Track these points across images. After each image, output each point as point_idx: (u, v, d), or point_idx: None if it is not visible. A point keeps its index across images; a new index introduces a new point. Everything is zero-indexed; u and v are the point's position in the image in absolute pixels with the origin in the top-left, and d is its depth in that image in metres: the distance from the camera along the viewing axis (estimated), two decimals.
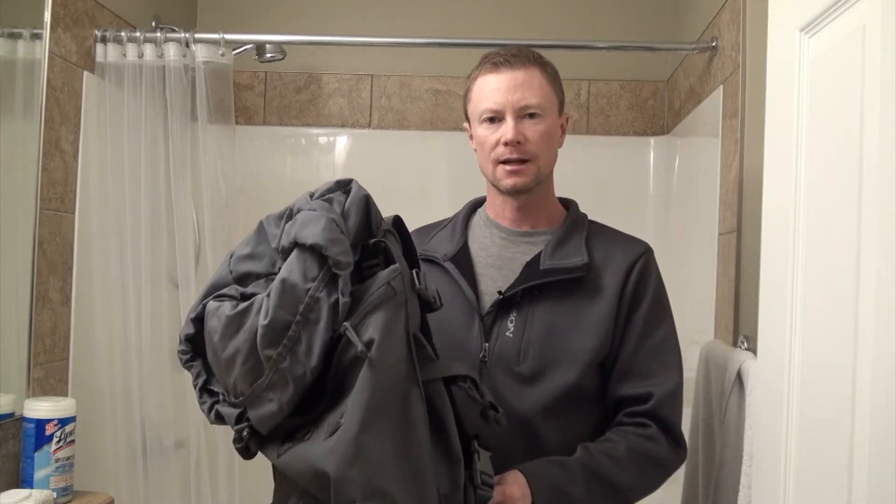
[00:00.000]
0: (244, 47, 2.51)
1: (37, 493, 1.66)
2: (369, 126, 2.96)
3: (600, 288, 1.39)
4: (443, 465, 1.09)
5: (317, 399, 1.06)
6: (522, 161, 1.38)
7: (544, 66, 1.42)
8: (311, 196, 1.12)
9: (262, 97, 2.96)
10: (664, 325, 1.43)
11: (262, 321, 1.01)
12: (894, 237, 0.83)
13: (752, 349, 1.52)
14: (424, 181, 2.88)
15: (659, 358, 1.40)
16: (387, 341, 1.02)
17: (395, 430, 1.03)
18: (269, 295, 1.03)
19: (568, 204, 1.52)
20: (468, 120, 1.47)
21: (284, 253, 1.07)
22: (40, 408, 1.78)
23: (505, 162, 1.39)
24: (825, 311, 1.00)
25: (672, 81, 2.84)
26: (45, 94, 1.96)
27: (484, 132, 1.41)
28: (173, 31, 2.25)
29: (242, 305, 1.05)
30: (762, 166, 1.23)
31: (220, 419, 1.11)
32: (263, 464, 1.13)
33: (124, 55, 2.19)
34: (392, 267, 1.08)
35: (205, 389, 1.13)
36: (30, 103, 1.93)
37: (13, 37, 1.89)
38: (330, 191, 1.12)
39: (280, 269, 1.07)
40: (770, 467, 1.15)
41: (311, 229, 1.04)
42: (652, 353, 1.40)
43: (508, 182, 1.40)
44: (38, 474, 1.75)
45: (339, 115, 2.96)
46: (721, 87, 2.13)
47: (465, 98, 1.46)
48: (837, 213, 0.96)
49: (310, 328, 1.02)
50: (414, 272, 1.13)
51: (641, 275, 1.41)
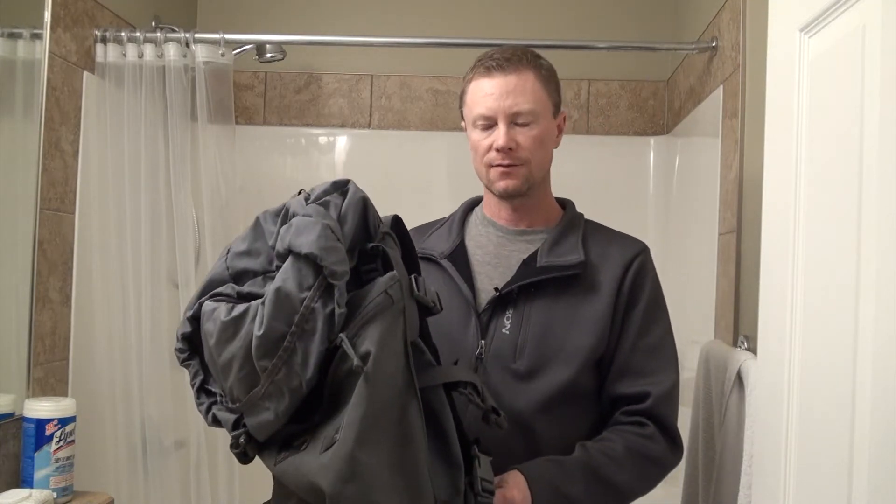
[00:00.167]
0: (244, 47, 2.51)
1: (37, 493, 1.66)
2: (369, 126, 2.96)
3: (597, 286, 1.39)
4: (443, 472, 1.09)
5: (314, 407, 1.05)
6: (514, 165, 1.39)
7: (538, 67, 1.41)
8: (307, 199, 1.10)
9: (262, 97, 2.96)
10: (661, 323, 1.43)
11: (257, 332, 1.00)
12: (894, 237, 0.83)
13: (752, 349, 1.52)
14: (424, 181, 2.88)
15: (656, 357, 1.40)
16: (383, 354, 1.01)
17: (392, 443, 1.02)
18: (263, 303, 1.01)
19: (564, 203, 1.53)
20: (464, 119, 1.48)
21: (280, 258, 1.05)
22: (40, 408, 1.78)
23: (497, 166, 1.40)
24: (825, 311, 1.00)
25: (672, 81, 2.84)
26: (45, 94, 1.96)
27: (477, 137, 1.42)
28: (173, 31, 2.25)
29: (237, 311, 1.03)
30: (762, 166, 1.23)
31: (217, 422, 1.11)
32: (263, 464, 1.13)
33: (124, 55, 2.19)
34: (390, 274, 1.06)
35: (202, 389, 1.12)
36: (30, 103, 1.93)
37: (13, 37, 1.89)
38: (326, 193, 1.10)
39: (275, 268, 1.06)
40: (770, 467, 1.15)
41: (306, 237, 1.01)
42: (649, 351, 1.40)
43: (500, 186, 1.41)
44: (38, 474, 1.75)
45: (339, 115, 2.96)
46: (721, 87, 2.13)
47: (461, 100, 1.47)
48: (837, 213, 0.96)
49: (305, 339, 1.00)
50: (413, 278, 1.11)
51: (638, 273, 1.42)
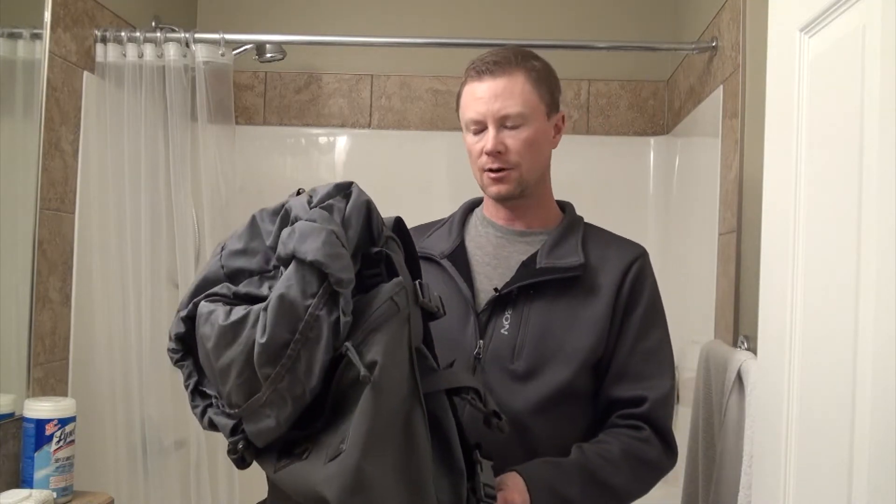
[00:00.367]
0: (244, 47, 2.51)
1: (37, 493, 1.66)
2: (369, 126, 2.96)
3: (596, 289, 1.40)
4: (445, 478, 1.08)
5: (315, 414, 1.03)
6: (504, 169, 1.39)
7: (529, 69, 1.40)
8: (309, 201, 1.06)
9: (262, 97, 2.96)
10: (659, 328, 1.44)
11: (260, 339, 0.97)
12: (894, 237, 0.83)
13: (752, 349, 1.52)
14: (424, 181, 2.88)
15: (653, 361, 1.41)
16: (389, 363, 1.00)
17: (397, 453, 1.01)
18: (265, 309, 0.98)
19: (564, 206, 1.53)
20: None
21: (281, 262, 1.02)
22: (40, 408, 1.78)
23: (488, 171, 1.40)
24: (825, 311, 1.00)
25: (672, 81, 2.84)
26: (45, 94, 1.96)
27: (470, 141, 1.43)
28: (173, 31, 2.25)
29: (236, 315, 1.01)
30: (762, 166, 1.23)
31: (213, 426, 1.08)
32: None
33: (124, 55, 2.19)
34: (395, 281, 1.05)
35: (197, 391, 1.09)
36: (30, 103, 1.93)
37: (13, 37, 1.89)
38: (329, 196, 1.07)
39: (271, 268, 1.05)
40: (770, 467, 1.15)
41: (311, 244, 0.98)
42: (647, 356, 1.40)
43: (493, 190, 1.42)
44: (38, 474, 1.75)
45: (339, 115, 2.96)
46: (721, 87, 2.13)
47: (456, 104, 1.47)
48: (837, 213, 0.96)
49: (310, 347, 0.98)
50: (417, 284, 1.09)
51: (637, 277, 1.42)
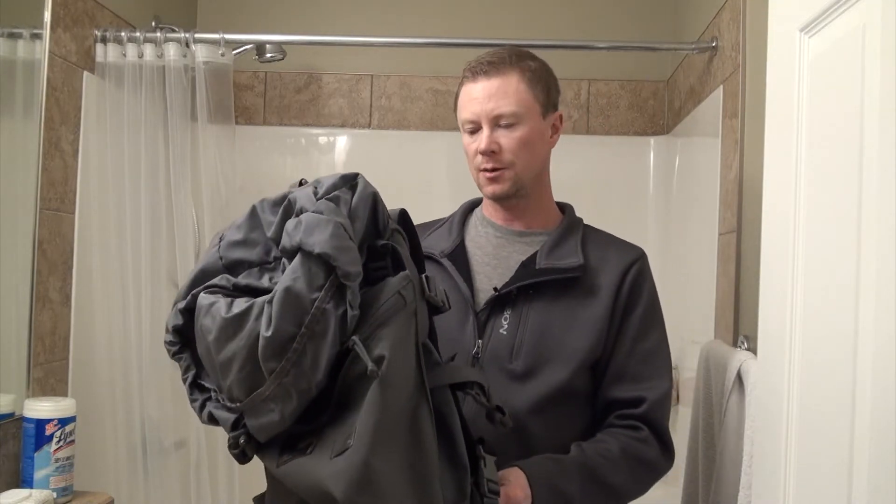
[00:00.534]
0: (244, 47, 2.51)
1: (37, 493, 1.66)
2: (369, 126, 2.96)
3: (595, 290, 1.40)
4: (449, 474, 1.07)
5: (318, 408, 1.02)
6: (498, 169, 1.40)
7: (524, 69, 1.40)
8: (315, 192, 1.04)
9: (262, 97, 2.96)
10: (657, 329, 1.44)
11: (265, 332, 0.95)
12: (894, 237, 0.83)
13: (752, 349, 1.52)
14: (424, 181, 2.88)
15: (652, 362, 1.41)
16: (397, 357, 0.99)
17: (405, 448, 1.00)
18: (270, 302, 0.96)
19: (564, 207, 1.54)
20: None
21: (286, 254, 1.01)
22: (40, 408, 1.78)
23: (484, 170, 1.41)
24: (825, 311, 1.00)
25: (672, 81, 2.84)
26: (45, 94, 1.96)
27: (466, 141, 1.44)
28: (173, 31, 2.25)
29: (239, 308, 0.99)
30: (762, 166, 1.23)
31: (213, 421, 1.06)
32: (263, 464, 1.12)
33: (124, 55, 2.19)
34: (402, 274, 1.04)
35: (195, 385, 1.07)
36: (30, 103, 1.93)
37: (13, 37, 1.89)
38: (335, 187, 1.04)
39: (272, 259, 1.04)
40: (770, 467, 1.15)
41: (319, 236, 0.97)
42: (645, 357, 1.41)
43: (488, 189, 1.43)
44: (38, 474, 1.75)
45: (339, 115, 2.96)
46: (721, 87, 2.13)
47: (454, 105, 1.48)
48: (837, 213, 0.96)
49: (316, 341, 0.96)
50: (424, 278, 1.09)
51: (636, 279, 1.43)
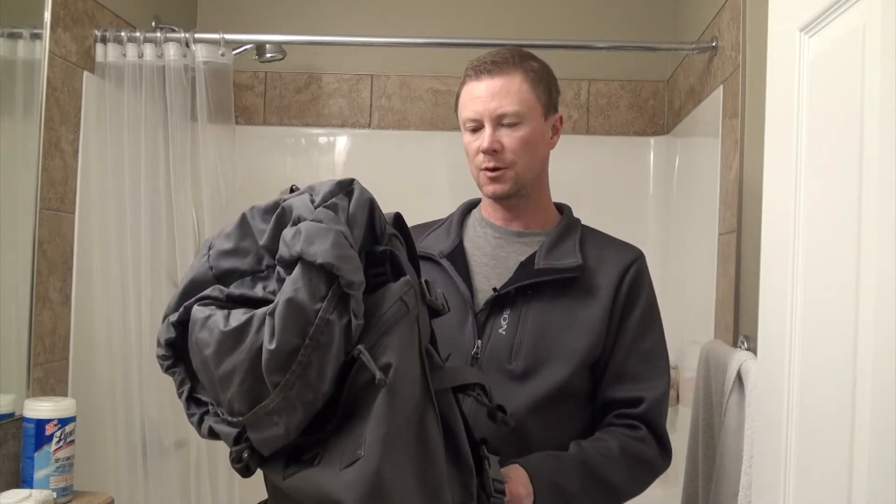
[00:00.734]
0: (244, 47, 2.50)
1: (37, 493, 1.66)
2: (369, 126, 2.96)
3: (594, 290, 1.40)
4: (455, 476, 1.07)
5: (323, 419, 1.01)
6: (500, 168, 1.40)
7: (527, 69, 1.41)
8: (311, 200, 1.03)
9: (262, 97, 2.96)
10: (655, 330, 1.45)
11: (269, 345, 0.93)
12: (894, 237, 0.83)
13: (752, 349, 1.52)
14: (424, 181, 2.88)
15: (650, 363, 1.42)
16: (403, 364, 0.98)
17: (414, 455, 1.00)
18: (271, 314, 0.95)
19: (561, 208, 1.54)
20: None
21: (283, 264, 0.99)
22: (40, 408, 1.78)
23: (485, 169, 1.41)
24: (825, 311, 1.00)
25: (672, 81, 2.84)
26: (45, 94, 1.96)
27: (467, 140, 1.44)
28: (173, 31, 2.25)
29: (239, 320, 0.97)
30: (762, 166, 1.23)
31: (214, 435, 1.04)
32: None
33: (124, 55, 2.19)
34: (403, 280, 1.03)
35: (191, 399, 1.06)
36: (30, 103, 1.93)
37: (13, 37, 1.89)
38: (332, 194, 1.03)
39: (264, 268, 1.03)
40: (770, 467, 1.15)
41: (320, 246, 0.95)
42: (644, 358, 1.41)
43: (489, 189, 1.44)
44: (38, 474, 1.75)
45: (339, 115, 2.96)
46: (721, 87, 2.13)
47: (455, 104, 1.48)
48: (837, 213, 0.96)
49: (321, 352, 0.94)
50: (424, 282, 1.08)
51: (635, 280, 1.43)
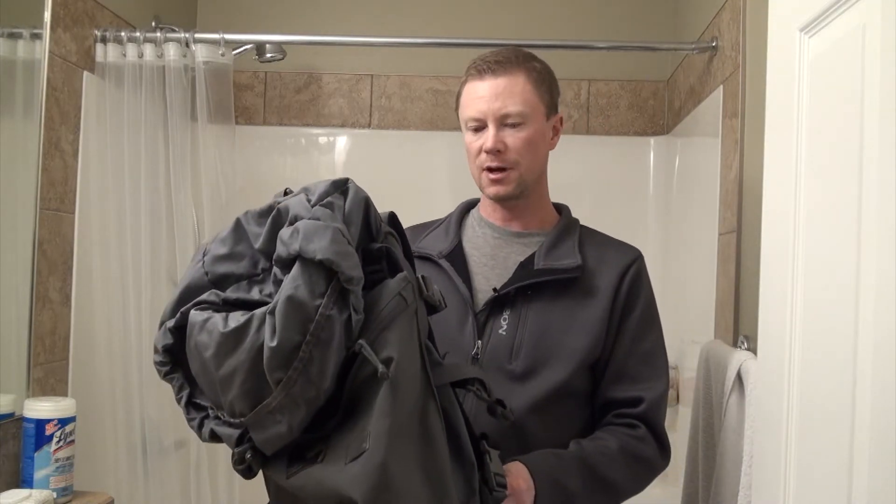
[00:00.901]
0: (244, 47, 2.50)
1: (37, 493, 1.66)
2: (369, 126, 2.96)
3: (593, 290, 1.40)
4: (457, 470, 1.07)
5: (324, 416, 1.02)
6: (503, 169, 1.40)
7: (530, 69, 1.41)
8: (308, 199, 1.04)
9: (262, 97, 2.96)
10: (655, 330, 1.45)
11: (270, 342, 0.94)
12: (894, 237, 0.83)
13: (752, 349, 1.52)
14: (424, 181, 2.88)
15: (650, 363, 1.42)
16: (404, 358, 0.99)
17: (418, 448, 1.00)
18: (272, 312, 0.95)
19: (560, 208, 1.54)
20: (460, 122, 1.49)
21: (280, 263, 0.99)
22: (40, 408, 1.78)
23: (487, 170, 1.41)
24: (825, 311, 1.00)
25: (672, 81, 2.84)
26: (45, 94, 1.96)
27: (469, 139, 1.43)
28: (173, 31, 2.25)
29: (238, 321, 0.97)
30: (762, 166, 1.23)
31: (215, 438, 1.05)
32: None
33: (124, 55, 2.19)
34: (401, 276, 1.04)
35: (191, 404, 1.06)
36: (30, 103, 1.93)
37: (13, 37, 1.89)
38: (327, 193, 1.04)
39: (260, 271, 1.03)
40: (770, 467, 1.15)
41: (318, 243, 0.96)
42: (643, 357, 1.42)
43: (491, 190, 1.43)
44: (38, 474, 1.75)
45: (339, 115, 2.96)
46: (721, 87, 2.13)
47: (456, 103, 1.48)
48: (837, 213, 0.96)
49: (322, 348, 0.95)
50: (421, 277, 1.09)
51: (634, 280, 1.43)
